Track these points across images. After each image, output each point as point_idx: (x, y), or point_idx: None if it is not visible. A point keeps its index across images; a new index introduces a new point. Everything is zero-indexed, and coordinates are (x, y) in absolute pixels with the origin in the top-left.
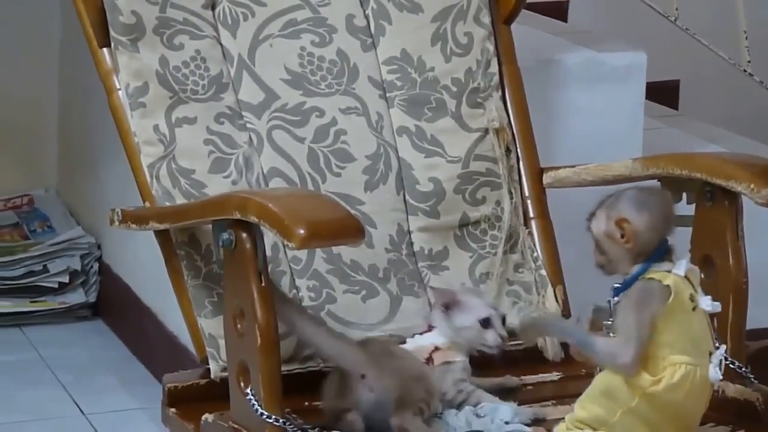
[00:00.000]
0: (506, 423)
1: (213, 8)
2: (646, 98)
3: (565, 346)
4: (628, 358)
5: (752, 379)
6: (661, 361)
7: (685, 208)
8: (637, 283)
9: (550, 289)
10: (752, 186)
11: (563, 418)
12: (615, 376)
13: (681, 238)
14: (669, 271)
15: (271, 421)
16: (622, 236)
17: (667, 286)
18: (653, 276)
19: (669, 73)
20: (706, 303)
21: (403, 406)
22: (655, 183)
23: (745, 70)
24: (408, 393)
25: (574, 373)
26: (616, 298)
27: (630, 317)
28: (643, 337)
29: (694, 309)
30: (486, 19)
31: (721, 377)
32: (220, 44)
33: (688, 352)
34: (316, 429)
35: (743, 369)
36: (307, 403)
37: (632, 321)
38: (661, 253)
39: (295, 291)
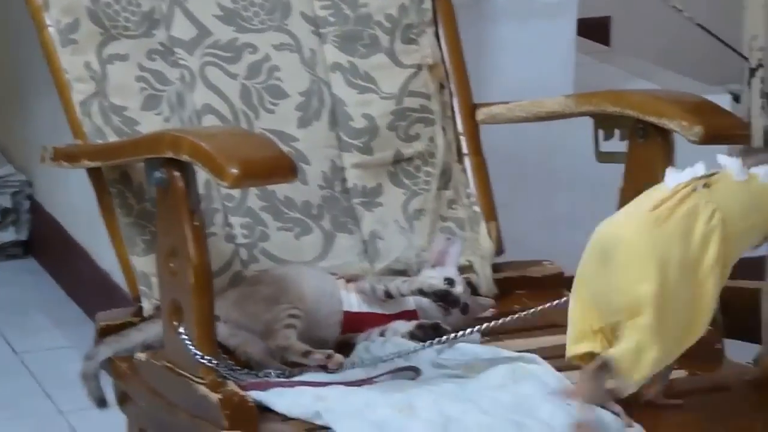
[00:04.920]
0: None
1: None
2: (578, 34)
3: (499, 282)
4: None
5: None
6: None
7: (617, 144)
8: None
9: (483, 225)
10: (684, 123)
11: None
12: None
13: (613, 174)
14: None
15: (203, 361)
16: None
17: None
18: None
19: (600, 10)
20: None
21: (267, 328)
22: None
23: (674, 6)
24: (257, 315)
25: (507, 309)
26: None
27: None
28: None
29: None
30: None
31: None
32: None
33: None
34: (245, 370)
35: None
36: None
37: None
38: None
39: (228, 228)
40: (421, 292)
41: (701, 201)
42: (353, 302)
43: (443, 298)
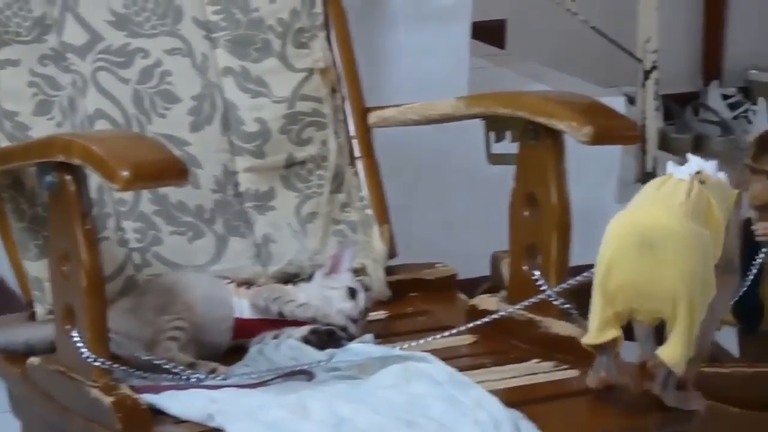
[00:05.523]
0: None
1: None
2: (473, 38)
3: (392, 285)
4: None
5: (575, 316)
6: None
7: (509, 146)
8: None
9: (376, 228)
10: (573, 123)
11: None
12: None
13: (507, 175)
14: None
15: (96, 363)
16: None
17: None
18: None
19: (495, 13)
20: None
21: (153, 338)
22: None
23: (569, 9)
24: (147, 325)
25: (400, 312)
26: None
27: None
28: None
29: None
30: None
31: None
32: None
33: None
34: (140, 372)
35: (567, 306)
36: None
37: None
38: None
39: (120, 233)
40: (316, 322)
41: (708, 194)
42: (245, 309)
43: (335, 332)
